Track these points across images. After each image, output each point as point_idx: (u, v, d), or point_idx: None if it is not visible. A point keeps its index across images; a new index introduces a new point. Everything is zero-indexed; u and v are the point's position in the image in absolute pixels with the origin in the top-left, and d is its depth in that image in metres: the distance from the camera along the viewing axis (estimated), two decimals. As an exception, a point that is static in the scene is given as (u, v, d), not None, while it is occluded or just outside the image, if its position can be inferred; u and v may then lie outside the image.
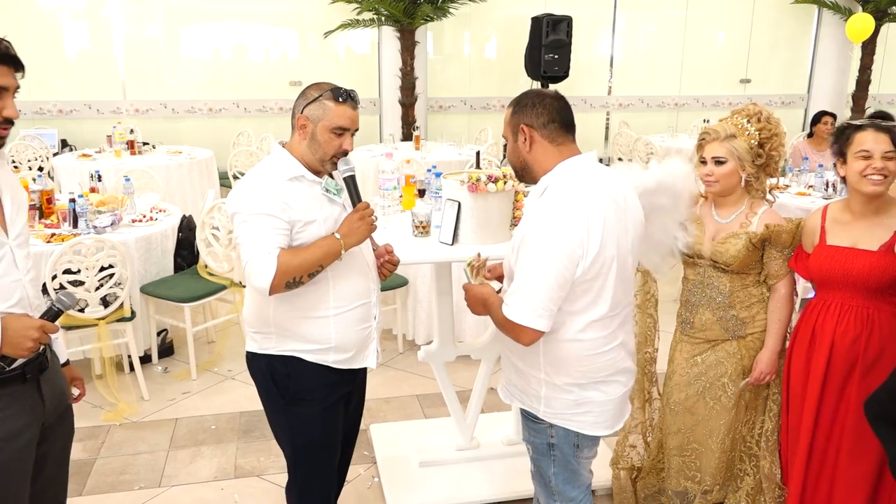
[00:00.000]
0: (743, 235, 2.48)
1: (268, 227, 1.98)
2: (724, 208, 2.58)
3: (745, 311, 2.54)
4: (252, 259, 1.97)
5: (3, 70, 1.69)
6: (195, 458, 3.34)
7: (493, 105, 9.30)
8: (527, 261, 1.84)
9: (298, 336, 2.14)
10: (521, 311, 1.84)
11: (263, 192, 2.01)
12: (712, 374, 2.60)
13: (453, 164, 6.43)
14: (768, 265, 2.52)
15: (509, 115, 2.00)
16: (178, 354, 4.40)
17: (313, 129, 2.05)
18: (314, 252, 2.02)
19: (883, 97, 10.13)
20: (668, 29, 9.70)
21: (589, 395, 2.00)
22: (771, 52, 10.02)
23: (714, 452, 2.65)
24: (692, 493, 2.77)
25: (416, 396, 3.92)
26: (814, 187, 5.27)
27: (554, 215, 1.84)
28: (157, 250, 4.20)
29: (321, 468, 2.32)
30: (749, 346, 2.55)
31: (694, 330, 2.62)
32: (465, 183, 2.71)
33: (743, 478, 2.71)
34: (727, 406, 2.60)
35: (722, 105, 10.00)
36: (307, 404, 2.21)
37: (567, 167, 1.93)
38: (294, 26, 8.61)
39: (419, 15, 7.92)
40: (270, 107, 8.52)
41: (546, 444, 2.07)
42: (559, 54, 8.04)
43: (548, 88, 2.04)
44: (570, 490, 2.12)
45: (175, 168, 6.26)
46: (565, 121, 1.95)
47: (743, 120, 2.52)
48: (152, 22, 8.11)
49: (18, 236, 1.80)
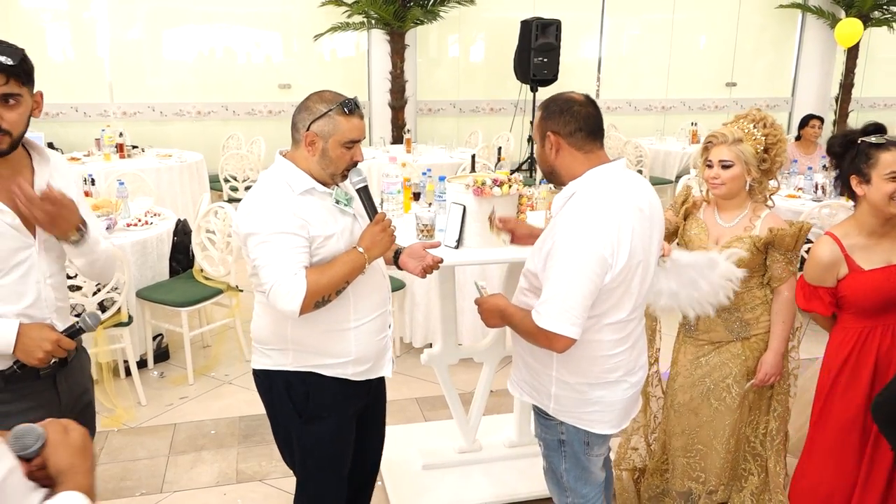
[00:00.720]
0: (747, 239, 2.51)
1: (289, 247, 1.91)
2: (727, 212, 2.61)
3: (749, 313, 2.57)
4: (279, 282, 1.89)
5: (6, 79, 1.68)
6: (196, 464, 3.32)
7: (483, 108, 9.33)
8: (558, 269, 1.85)
9: (318, 351, 2.10)
10: (556, 320, 1.84)
11: (279, 210, 1.93)
12: (717, 375, 2.63)
13: (445, 167, 6.44)
14: (771, 268, 2.55)
15: (538, 119, 2.01)
16: (174, 359, 4.37)
17: (324, 145, 1.97)
18: (340, 268, 1.97)
19: (865, 100, 10.28)
20: (655, 33, 9.80)
21: (600, 395, 2.02)
22: (756, 55, 10.15)
23: (719, 453, 2.68)
24: (696, 494, 2.80)
25: (416, 399, 3.92)
26: (803, 190, 5.33)
27: (586, 225, 1.85)
28: (152, 254, 4.18)
29: (331, 481, 2.30)
30: (753, 347, 2.59)
31: (698, 332, 2.65)
32: (470, 186, 2.72)
33: (748, 477, 2.75)
34: (731, 407, 2.63)
35: (708, 108, 10.12)
36: (323, 421, 2.17)
37: (595, 175, 1.94)
38: (283, 29, 8.60)
39: (409, 18, 7.94)
40: (259, 110, 8.50)
41: (557, 440, 2.10)
42: (548, 58, 8.10)
43: (577, 93, 2.03)
44: (581, 487, 2.14)
45: (165, 171, 6.22)
46: (592, 129, 1.95)
47: (749, 125, 2.55)
48: (136, 23, 8.07)
49: (49, 238, 1.80)
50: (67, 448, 1.13)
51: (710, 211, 2.66)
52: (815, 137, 6.51)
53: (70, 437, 1.16)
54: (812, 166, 5.80)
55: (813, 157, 6.33)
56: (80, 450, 1.15)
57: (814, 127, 6.49)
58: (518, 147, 8.66)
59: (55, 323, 1.86)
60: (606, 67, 9.75)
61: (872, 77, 10.23)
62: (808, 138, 6.49)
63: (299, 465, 2.29)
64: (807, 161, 6.13)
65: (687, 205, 2.74)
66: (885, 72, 10.42)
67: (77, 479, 1.11)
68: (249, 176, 6.79)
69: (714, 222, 2.62)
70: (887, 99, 10.65)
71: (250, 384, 4.03)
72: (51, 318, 1.85)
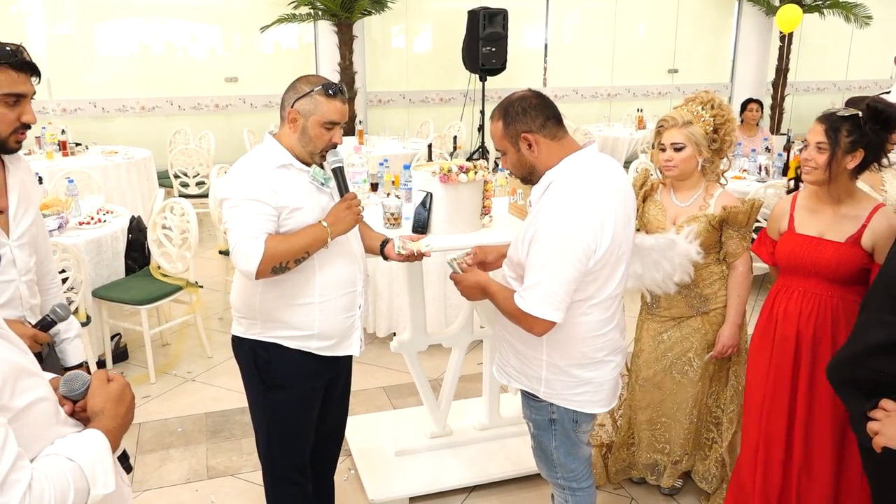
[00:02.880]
0: (703, 218, 2.62)
1: (256, 213, 2.02)
2: (682, 192, 2.71)
3: (707, 289, 2.68)
4: (240, 243, 2.00)
5: (23, 77, 1.74)
6: (164, 462, 3.28)
7: (432, 98, 9.35)
8: (542, 256, 1.88)
9: (282, 323, 2.18)
10: (540, 305, 1.89)
11: (252, 179, 2.04)
12: (678, 349, 2.73)
13: (399, 157, 6.45)
14: (726, 244, 2.66)
15: (501, 128, 2.00)
16: (133, 359, 4.29)
17: (304, 123, 2.08)
18: (301, 238, 2.06)
19: (800, 84, 10.68)
20: (599, 21, 9.97)
21: (588, 376, 2.07)
22: (695, 43, 10.43)
23: (682, 424, 2.79)
24: (661, 465, 2.91)
25: (383, 388, 3.95)
26: (748, 171, 5.53)
27: (568, 211, 1.89)
28: (107, 253, 4.09)
29: (294, 456, 2.36)
30: (712, 321, 2.70)
31: (660, 308, 2.75)
32: (436, 174, 2.75)
33: (711, 446, 2.87)
34: (693, 379, 2.74)
35: (652, 95, 10.35)
36: (285, 391, 2.26)
37: (572, 162, 1.97)
38: (228, 21, 8.44)
39: (357, 9, 7.89)
40: (206, 104, 8.34)
41: (548, 419, 2.15)
42: (496, 47, 8.16)
43: (520, 91, 2.06)
44: (571, 462, 2.20)
45: (112, 169, 6.06)
46: (556, 114, 2.00)
47: (698, 107, 2.65)
48: (69, 17, 7.80)
49: (22, 236, 1.77)
50: (103, 394, 1.31)
51: (666, 192, 2.76)
52: (754, 121, 6.75)
53: (109, 385, 1.33)
54: (755, 148, 6.01)
55: (755, 139, 6.56)
56: (116, 398, 1.32)
57: (752, 111, 6.73)
58: (469, 136, 8.71)
59: (29, 321, 1.83)
60: (552, 56, 9.88)
61: (806, 62, 10.62)
62: (748, 122, 6.73)
63: (262, 438, 2.35)
64: (749, 143, 6.35)
65: (646, 188, 2.83)
66: (817, 57, 10.83)
67: (104, 422, 1.28)
68: (200, 172, 6.67)
69: (670, 202, 2.72)
70: (820, 83, 11.08)
71: (214, 381, 4.05)
72: (24, 316, 1.82)
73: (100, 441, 1.23)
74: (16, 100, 1.75)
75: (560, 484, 2.27)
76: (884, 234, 2.24)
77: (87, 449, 1.19)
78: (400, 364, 3.89)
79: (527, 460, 3.00)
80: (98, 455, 1.20)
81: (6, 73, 1.73)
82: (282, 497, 2.42)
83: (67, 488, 1.12)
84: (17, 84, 1.75)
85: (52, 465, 1.13)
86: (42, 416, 1.17)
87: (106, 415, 1.29)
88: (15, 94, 1.75)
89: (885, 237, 2.23)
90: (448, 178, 2.74)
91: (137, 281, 4.13)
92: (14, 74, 1.74)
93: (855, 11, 9.44)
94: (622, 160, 7.92)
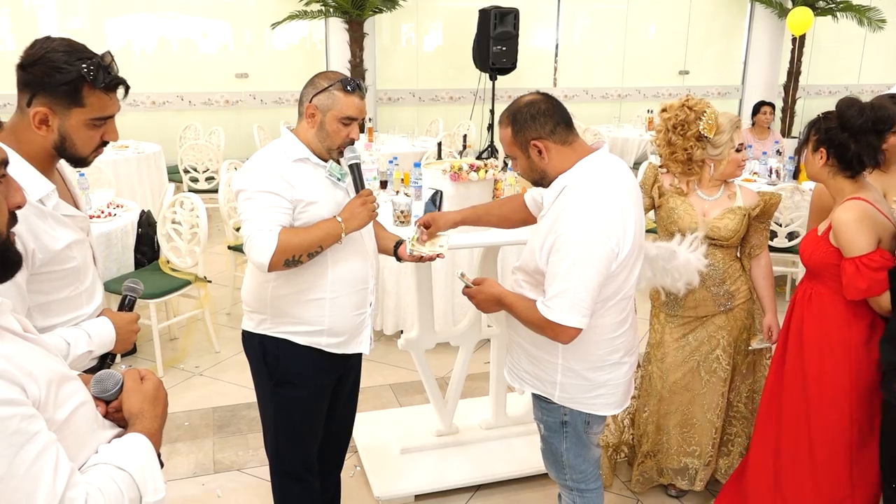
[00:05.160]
0: (738, 210, 2.62)
1: (270, 205, 2.02)
2: (707, 188, 2.70)
3: (733, 285, 2.68)
4: (253, 235, 2.00)
5: (113, 98, 1.65)
6: (172, 455, 3.29)
7: (442, 97, 9.35)
8: (566, 263, 1.85)
9: (293, 317, 2.17)
10: (568, 314, 1.85)
11: (268, 171, 2.05)
12: (705, 349, 2.72)
13: (409, 155, 6.44)
14: (752, 237, 2.69)
15: (510, 135, 1.97)
16: (141, 352, 4.30)
17: (322, 118, 2.09)
18: (314, 233, 2.05)
19: (812, 87, 10.62)
20: (610, 21, 9.94)
21: (605, 379, 2.05)
22: (707, 44, 10.38)
23: (712, 423, 2.78)
24: (693, 469, 2.87)
25: (390, 386, 3.95)
26: (758, 174, 5.50)
27: (590, 216, 1.85)
28: (117, 246, 4.11)
29: (301, 453, 2.36)
30: (736, 317, 2.70)
31: (683, 309, 2.72)
32: (447, 172, 2.75)
33: (734, 440, 2.86)
34: (722, 378, 2.73)
35: (662, 96, 10.30)
36: (294, 387, 2.25)
37: (585, 166, 1.94)
38: (239, 18, 8.45)
39: (368, 6, 7.89)
40: (216, 100, 8.36)
41: (559, 422, 2.13)
42: (507, 46, 8.13)
43: (529, 94, 2.01)
44: (581, 463, 2.19)
45: (123, 163, 6.09)
46: (566, 118, 1.96)
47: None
48: (81, 11, 7.84)
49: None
50: (139, 394, 1.26)
51: (690, 188, 2.74)
52: (766, 123, 6.72)
53: (144, 385, 1.28)
54: (766, 151, 5.98)
55: (766, 141, 6.53)
56: (152, 398, 1.27)
57: (765, 113, 6.70)
58: (479, 135, 8.71)
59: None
60: (563, 56, 9.86)
61: (818, 65, 10.57)
62: (760, 124, 6.70)
63: (270, 434, 2.35)
64: (760, 146, 6.32)
65: (658, 184, 2.81)
66: (829, 60, 10.77)
67: (145, 424, 1.23)
68: (209, 167, 6.69)
69: (696, 198, 2.71)
70: (832, 86, 11.01)
71: (221, 375, 4.06)
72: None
73: (145, 446, 1.19)
74: (103, 122, 1.66)
75: (569, 486, 2.26)
76: (836, 223, 2.23)
77: (136, 455, 1.16)
78: (407, 362, 3.89)
79: (532, 460, 3.00)
80: (146, 461, 1.17)
81: (97, 97, 1.61)
82: (288, 493, 2.42)
83: (122, 500, 1.09)
84: (108, 108, 1.64)
85: (103, 477, 1.10)
86: (84, 422, 1.14)
87: (146, 416, 1.25)
88: (104, 118, 1.65)
89: (836, 225, 2.23)
90: (459, 176, 2.74)
91: (146, 275, 4.14)
92: (105, 98, 1.63)
93: (868, 15, 9.38)
94: (632, 161, 7.90)
